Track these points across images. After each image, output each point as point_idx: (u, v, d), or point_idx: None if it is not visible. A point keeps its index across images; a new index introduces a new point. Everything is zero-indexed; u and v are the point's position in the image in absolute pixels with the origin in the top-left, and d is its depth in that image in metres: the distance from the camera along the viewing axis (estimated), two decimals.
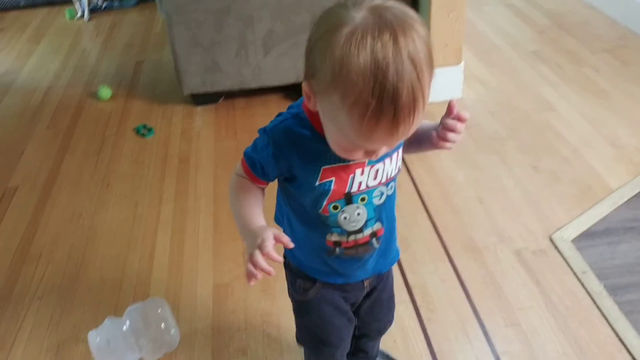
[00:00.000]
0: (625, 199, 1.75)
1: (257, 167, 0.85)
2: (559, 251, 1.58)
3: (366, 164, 0.82)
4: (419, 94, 0.65)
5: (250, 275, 0.77)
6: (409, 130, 0.68)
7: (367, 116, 0.65)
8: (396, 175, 0.88)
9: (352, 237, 0.89)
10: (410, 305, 1.45)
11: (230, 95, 2.42)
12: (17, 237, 1.77)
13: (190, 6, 2.13)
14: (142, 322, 1.33)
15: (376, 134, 0.67)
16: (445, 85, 2.27)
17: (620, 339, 1.33)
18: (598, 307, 1.41)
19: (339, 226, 0.87)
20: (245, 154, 0.87)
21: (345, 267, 0.95)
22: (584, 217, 1.69)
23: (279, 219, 0.98)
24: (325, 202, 0.84)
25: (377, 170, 0.84)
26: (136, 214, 1.83)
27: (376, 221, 0.90)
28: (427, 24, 2.48)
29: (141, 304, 1.39)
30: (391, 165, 0.86)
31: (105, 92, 2.50)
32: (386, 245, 0.96)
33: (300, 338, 1.12)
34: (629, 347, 1.30)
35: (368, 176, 0.83)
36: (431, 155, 1.98)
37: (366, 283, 1.03)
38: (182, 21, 2.15)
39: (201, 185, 1.94)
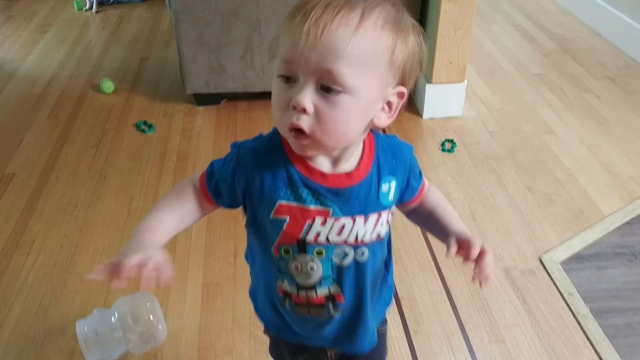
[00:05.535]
0: (617, 225, 1.77)
1: (212, 180, 0.77)
2: (547, 272, 1.59)
3: (330, 214, 0.73)
4: (338, 10, 0.64)
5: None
6: (320, 34, 0.64)
7: (287, 20, 0.68)
8: (372, 242, 0.77)
9: (302, 292, 0.78)
10: (398, 317, 1.46)
11: (233, 97, 2.44)
12: (11, 223, 1.77)
13: (199, 6, 2.14)
14: (130, 316, 1.33)
15: (291, 34, 0.67)
16: (446, 103, 2.29)
17: None
18: (582, 329, 1.42)
19: (289, 273, 0.78)
20: (211, 163, 0.79)
21: (298, 325, 0.84)
22: (574, 240, 1.70)
23: (247, 255, 0.89)
24: (276, 241, 0.75)
25: (343, 226, 0.74)
26: (131, 208, 1.84)
27: (334, 282, 0.78)
28: (433, 40, 2.46)
29: (130, 297, 1.40)
30: (364, 227, 0.75)
31: (108, 85, 2.51)
32: (351, 321, 0.83)
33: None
34: None
35: (330, 229, 0.73)
36: (428, 170, 1.99)
37: (330, 353, 0.89)
38: (190, 20, 2.17)
39: None
